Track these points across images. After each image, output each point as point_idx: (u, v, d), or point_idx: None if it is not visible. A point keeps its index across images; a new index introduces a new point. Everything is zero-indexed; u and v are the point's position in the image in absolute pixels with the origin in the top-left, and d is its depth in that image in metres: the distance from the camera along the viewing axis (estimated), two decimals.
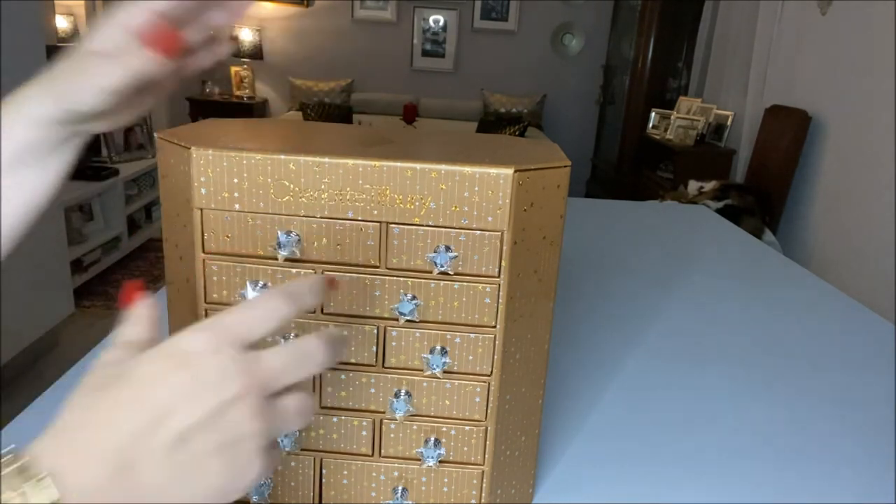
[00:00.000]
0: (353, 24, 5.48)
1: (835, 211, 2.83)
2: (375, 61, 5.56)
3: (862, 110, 2.69)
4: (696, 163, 3.65)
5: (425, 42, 5.52)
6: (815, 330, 0.93)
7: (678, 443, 0.64)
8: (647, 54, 4.39)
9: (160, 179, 0.47)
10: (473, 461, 0.48)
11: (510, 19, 5.43)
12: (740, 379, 0.77)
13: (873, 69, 2.62)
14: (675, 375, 0.77)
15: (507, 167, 0.42)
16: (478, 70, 5.57)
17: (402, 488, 0.48)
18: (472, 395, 0.46)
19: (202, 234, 0.44)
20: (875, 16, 2.63)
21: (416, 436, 0.47)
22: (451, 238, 0.43)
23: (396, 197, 0.42)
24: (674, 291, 1.03)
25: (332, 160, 0.42)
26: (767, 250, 1.30)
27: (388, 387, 0.46)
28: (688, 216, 1.52)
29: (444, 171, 0.42)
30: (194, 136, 0.45)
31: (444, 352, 0.45)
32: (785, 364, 0.82)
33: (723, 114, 3.76)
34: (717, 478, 0.59)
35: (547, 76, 5.55)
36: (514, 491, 0.51)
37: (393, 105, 5.35)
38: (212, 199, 0.43)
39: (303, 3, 5.40)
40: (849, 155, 2.77)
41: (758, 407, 0.72)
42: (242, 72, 5.42)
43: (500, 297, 0.44)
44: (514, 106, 5.29)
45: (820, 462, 0.62)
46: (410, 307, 0.43)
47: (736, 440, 0.65)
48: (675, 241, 1.32)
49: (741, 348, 0.86)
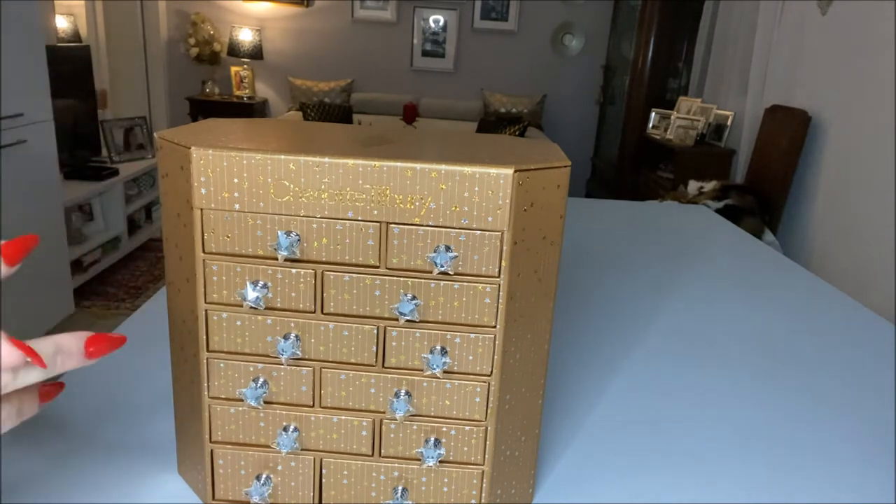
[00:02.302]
0: (353, 24, 5.48)
1: (835, 211, 2.83)
2: (375, 61, 5.56)
3: (862, 110, 2.69)
4: (696, 163, 3.65)
5: (425, 42, 5.52)
6: (815, 330, 0.93)
7: (678, 443, 0.64)
8: (647, 54, 4.39)
9: (160, 179, 0.47)
10: (473, 461, 0.48)
11: (510, 19, 5.43)
12: (740, 379, 0.77)
13: (873, 69, 2.62)
14: (675, 375, 0.77)
15: (507, 167, 0.42)
16: (478, 70, 5.57)
17: (402, 488, 0.48)
18: (472, 395, 0.46)
19: (202, 234, 0.44)
20: (875, 16, 2.63)
21: (416, 436, 0.47)
22: (451, 238, 0.43)
23: (396, 197, 0.42)
24: (674, 291, 1.03)
25: (332, 160, 0.42)
26: (767, 250, 1.30)
27: (388, 387, 0.46)
28: (688, 216, 1.52)
29: (444, 171, 0.42)
30: (194, 136, 0.45)
31: (444, 352, 0.45)
32: (785, 364, 0.82)
33: (723, 114, 3.76)
34: (717, 478, 0.59)
35: (547, 76, 5.55)
36: (514, 491, 0.51)
37: (393, 105, 5.35)
38: (212, 199, 0.43)
39: (303, 3, 5.40)
40: (849, 155, 2.77)
41: (758, 407, 0.72)
42: (242, 72, 5.42)
43: (500, 297, 0.44)
44: (514, 106, 5.29)
45: (820, 462, 0.62)
46: (410, 307, 0.43)
47: (736, 440, 0.65)
48: (675, 241, 1.32)
49: (741, 348, 0.86)
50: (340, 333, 0.45)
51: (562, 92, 5.56)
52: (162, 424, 0.60)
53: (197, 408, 0.48)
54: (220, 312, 0.45)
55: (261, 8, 5.41)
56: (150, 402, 0.64)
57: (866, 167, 2.64)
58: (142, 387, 0.66)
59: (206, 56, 5.27)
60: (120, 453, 0.56)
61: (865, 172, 2.64)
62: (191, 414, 0.49)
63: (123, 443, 0.57)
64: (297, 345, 0.45)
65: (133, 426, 0.60)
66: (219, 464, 0.49)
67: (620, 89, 4.90)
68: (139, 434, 0.59)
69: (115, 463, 0.55)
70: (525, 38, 5.48)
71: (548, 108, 5.54)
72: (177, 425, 0.52)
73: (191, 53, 5.25)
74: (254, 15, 5.43)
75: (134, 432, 0.59)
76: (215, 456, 0.49)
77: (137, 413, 0.62)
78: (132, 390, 0.65)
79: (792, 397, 0.74)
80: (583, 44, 5.45)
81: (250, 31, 5.30)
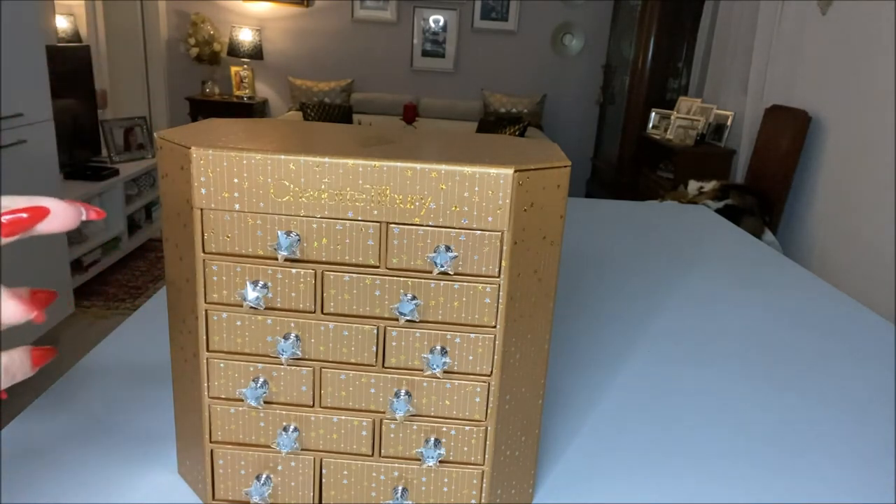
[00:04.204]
0: (353, 24, 5.48)
1: (835, 211, 2.83)
2: (375, 61, 5.57)
3: (862, 110, 2.69)
4: (696, 163, 3.65)
5: (425, 42, 5.52)
6: (815, 330, 0.93)
7: (678, 443, 0.64)
8: (647, 54, 4.39)
9: (160, 179, 0.47)
10: (473, 461, 0.48)
11: (510, 19, 5.43)
12: (740, 379, 0.77)
13: (873, 69, 2.62)
14: (675, 375, 0.77)
15: (507, 167, 0.42)
16: (478, 70, 5.57)
17: (402, 488, 0.48)
18: (472, 395, 0.46)
19: (202, 234, 0.44)
20: (875, 16, 2.63)
21: (416, 436, 0.47)
22: (451, 238, 0.43)
23: (396, 197, 0.42)
24: (673, 291, 1.03)
25: (332, 160, 0.42)
26: (767, 250, 1.30)
27: (388, 387, 0.46)
28: (688, 216, 1.52)
29: (444, 171, 0.42)
30: (194, 136, 0.45)
31: (444, 352, 0.45)
32: (785, 364, 0.82)
33: (723, 114, 3.76)
34: (717, 478, 0.59)
35: (547, 76, 5.55)
36: (514, 491, 0.51)
37: (393, 105, 5.35)
38: (212, 199, 0.43)
39: (303, 3, 5.40)
40: (849, 155, 2.77)
41: (757, 407, 0.72)
42: (242, 72, 5.42)
43: (500, 297, 0.44)
44: (514, 106, 5.29)
45: (820, 462, 0.62)
46: (410, 307, 0.43)
47: (736, 440, 0.65)
48: (675, 241, 1.32)
49: (741, 348, 0.86)
50: (340, 333, 0.45)
51: (562, 92, 5.56)
52: (162, 425, 0.60)
53: (197, 408, 0.48)
54: (220, 312, 0.45)
55: (261, 8, 5.41)
56: (150, 402, 0.64)
57: (866, 167, 2.63)
58: (142, 387, 0.66)
59: (206, 56, 5.27)
60: (120, 453, 0.56)
61: (865, 172, 2.64)
62: (191, 414, 0.49)
63: (123, 443, 0.57)
64: (297, 345, 0.45)
65: (133, 426, 0.60)
66: (219, 464, 0.49)
67: (620, 89, 4.90)
68: (139, 434, 0.59)
69: (115, 463, 0.55)
70: (525, 38, 5.47)
71: (548, 108, 5.54)
72: (177, 425, 0.52)
73: (191, 53, 5.25)
74: (254, 15, 5.44)
75: (134, 432, 0.59)
76: (215, 456, 0.49)
77: (137, 413, 0.62)
78: (132, 390, 0.65)
79: (792, 397, 0.74)
80: (583, 44, 5.45)
81: (250, 31, 5.30)
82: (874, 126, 2.59)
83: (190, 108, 5.31)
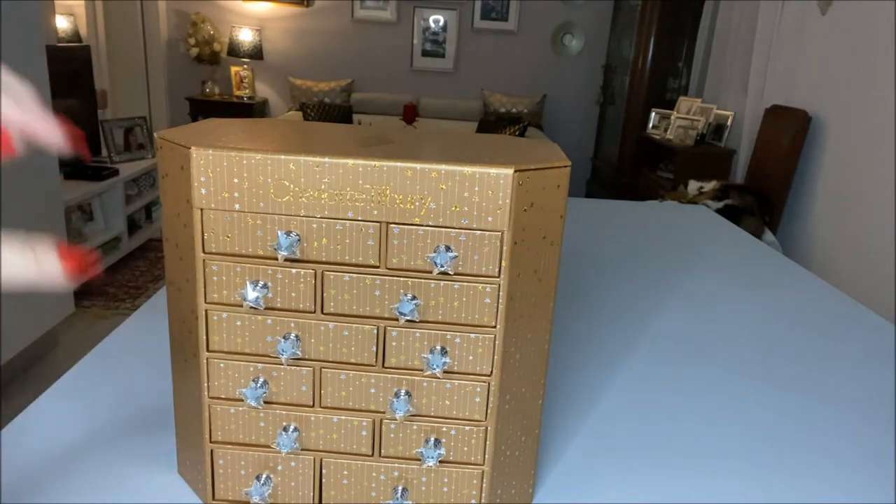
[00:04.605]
0: (353, 24, 5.48)
1: (835, 211, 2.83)
2: (375, 61, 5.56)
3: (862, 110, 2.69)
4: (696, 163, 3.65)
5: (425, 42, 5.51)
6: (815, 330, 0.93)
7: (678, 443, 0.64)
8: (647, 54, 4.39)
9: (160, 179, 0.47)
10: (473, 461, 0.48)
11: (510, 19, 5.43)
12: (740, 379, 0.77)
13: (873, 69, 2.62)
14: (675, 375, 0.77)
15: (507, 167, 0.42)
16: (478, 70, 5.57)
17: (402, 488, 0.48)
18: (472, 395, 0.46)
19: (202, 234, 0.44)
20: (875, 16, 2.63)
21: (416, 436, 0.47)
22: (451, 238, 0.43)
23: (396, 197, 0.42)
24: (673, 291, 1.03)
25: (332, 160, 0.42)
26: (767, 250, 1.30)
27: (388, 387, 0.46)
28: (688, 216, 1.52)
29: (444, 171, 0.42)
30: (194, 136, 0.45)
31: (444, 352, 0.45)
32: (785, 364, 0.82)
33: (723, 114, 3.76)
34: (717, 477, 0.59)
35: (547, 76, 5.55)
36: (514, 491, 0.51)
37: (393, 105, 5.35)
38: (212, 199, 0.43)
39: (303, 3, 5.40)
40: (849, 155, 2.77)
41: (757, 407, 0.72)
42: (242, 72, 5.42)
43: (500, 297, 0.44)
44: (514, 106, 5.29)
45: (819, 462, 0.62)
46: (410, 307, 0.43)
47: (736, 440, 0.65)
48: (675, 241, 1.32)
49: (741, 348, 0.86)
50: (340, 333, 0.45)
51: (562, 92, 5.56)
52: (162, 424, 0.60)
53: (197, 408, 0.48)
54: (220, 312, 0.45)
55: (261, 8, 5.41)
56: (150, 402, 0.64)
57: (866, 167, 2.63)
58: (142, 387, 0.66)
59: (206, 56, 5.27)
60: (120, 453, 0.56)
61: (865, 172, 2.64)
62: (191, 414, 0.49)
63: (123, 443, 0.57)
64: (297, 345, 0.45)
65: (133, 426, 0.60)
66: (219, 464, 0.49)
67: (620, 89, 4.90)
68: (139, 434, 0.59)
69: (115, 463, 0.55)
70: (525, 38, 5.47)
71: (548, 108, 5.54)
72: (177, 425, 0.52)
73: (191, 53, 5.25)
74: (254, 15, 5.43)
75: (134, 432, 0.59)
76: (215, 456, 0.49)
77: (137, 413, 0.62)
78: (132, 390, 0.65)
79: (792, 397, 0.74)
80: (583, 44, 5.45)
81: (250, 31, 5.30)
82: (874, 126, 2.59)
83: (190, 108, 5.31)
